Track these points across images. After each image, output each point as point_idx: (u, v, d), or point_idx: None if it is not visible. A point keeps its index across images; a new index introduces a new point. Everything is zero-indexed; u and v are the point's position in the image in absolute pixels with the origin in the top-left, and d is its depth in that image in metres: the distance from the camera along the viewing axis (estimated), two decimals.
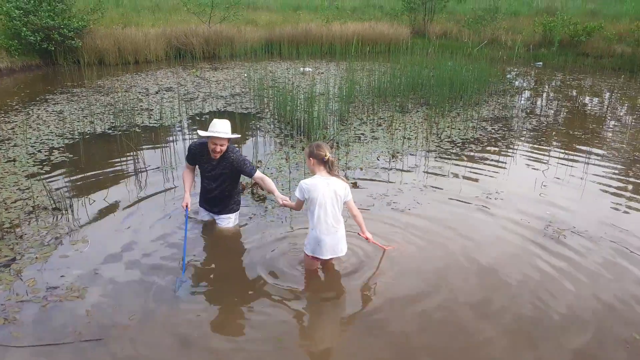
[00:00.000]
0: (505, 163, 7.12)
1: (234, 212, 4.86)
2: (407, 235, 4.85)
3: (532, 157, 7.43)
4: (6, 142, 7.61)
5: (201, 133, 4.38)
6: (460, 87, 11.09)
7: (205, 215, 4.93)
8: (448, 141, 8.13)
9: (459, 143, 8.03)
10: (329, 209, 3.82)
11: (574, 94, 13.08)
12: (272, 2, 28.25)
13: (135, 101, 10.57)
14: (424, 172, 6.68)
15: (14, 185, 5.92)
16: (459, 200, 5.74)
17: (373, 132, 8.61)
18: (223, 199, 4.73)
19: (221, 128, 4.33)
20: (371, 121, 9.31)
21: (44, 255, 4.39)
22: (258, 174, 4.55)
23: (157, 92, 11.63)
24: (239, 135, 4.45)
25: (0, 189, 5.81)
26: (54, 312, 3.63)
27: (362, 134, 8.50)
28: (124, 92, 11.50)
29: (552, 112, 10.82)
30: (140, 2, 23.74)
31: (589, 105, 11.81)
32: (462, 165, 6.95)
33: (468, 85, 11.23)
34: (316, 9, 26.08)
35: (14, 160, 6.77)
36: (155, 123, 8.93)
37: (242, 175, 4.67)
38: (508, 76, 15.49)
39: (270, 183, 4.50)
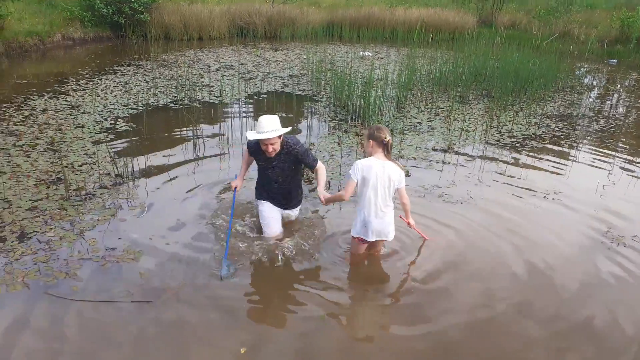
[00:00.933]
0: (567, 163, 6.81)
1: (298, 206, 4.59)
2: (457, 228, 4.76)
3: (595, 158, 7.07)
4: (76, 108, 8.02)
5: (249, 136, 4.01)
6: (525, 81, 10.67)
7: (270, 209, 4.41)
8: (508, 136, 7.86)
9: (519, 138, 7.75)
10: (380, 192, 3.80)
11: None
12: None
13: (197, 77, 10.85)
14: (480, 166, 6.51)
15: (81, 150, 6.24)
16: (514, 197, 5.56)
17: (430, 121, 8.45)
18: (289, 193, 4.39)
19: (268, 127, 3.90)
20: (429, 110, 9.14)
21: (104, 217, 4.63)
22: (320, 164, 4.26)
23: (218, 69, 11.88)
24: (289, 129, 4.12)
25: (69, 152, 6.14)
26: (110, 271, 3.83)
27: (419, 122, 8.36)
28: (186, 67, 11.82)
29: (622, 113, 10.23)
30: None
31: None
32: (521, 162, 6.72)
33: (534, 80, 10.78)
34: None
35: (82, 127, 7.14)
36: (214, 99, 9.14)
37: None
38: (578, 72, 14.75)
39: (322, 176, 4.26)
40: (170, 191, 5.30)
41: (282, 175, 4.21)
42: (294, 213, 4.57)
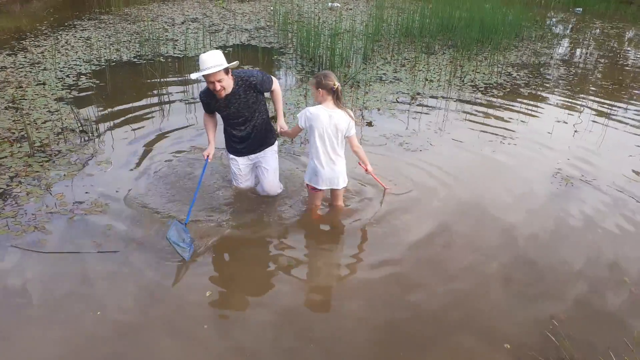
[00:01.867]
0: (525, 110, 7.05)
1: (274, 144, 4.28)
2: (415, 175, 4.96)
3: (553, 105, 7.34)
4: (36, 65, 7.84)
5: (192, 76, 3.76)
6: (489, 31, 10.78)
7: (242, 166, 4.27)
8: (471, 85, 8.04)
9: (481, 87, 7.94)
10: (327, 140, 3.79)
11: (612, 44, 12.56)
12: None
13: (161, 31, 10.62)
14: (442, 115, 6.70)
15: (44, 108, 6.19)
16: (473, 144, 5.79)
17: (396, 72, 8.56)
18: (259, 131, 4.10)
19: (211, 62, 3.59)
20: (395, 61, 9.22)
21: (71, 173, 4.68)
22: (275, 84, 4.02)
23: (182, 23, 11.63)
24: (237, 63, 3.85)
25: (32, 110, 6.08)
26: (79, 224, 3.94)
27: (385, 74, 8.45)
28: (150, 22, 11.54)
29: (583, 61, 10.49)
30: None
31: (626, 57, 11.37)
32: (481, 110, 6.93)
33: (497, 29, 10.89)
34: None
35: (44, 84, 7.02)
36: (179, 53, 9.02)
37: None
38: (543, 22, 14.87)
39: (279, 100, 4.11)
40: (136, 146, 5.35)
41: (248, 112, 3.93)
42: (268, 155, 4.22)
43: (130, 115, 6.16)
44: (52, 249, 3.63)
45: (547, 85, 8.40)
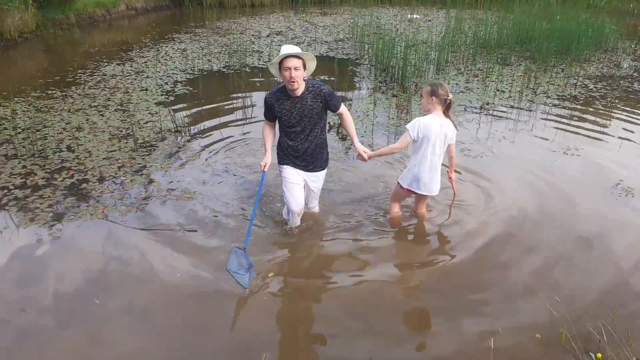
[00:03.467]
0: (595, 123, 7.01)
1: (326, 168, 4.24)
2: (466, 181, 5.23)
3: (626, 119, 7.22)
4: (140, 73, 8.93)
5: (271, 68, 3.81)
6: (570, 42, 10.61)
7: (294, 172, 4.10)
8: (544, 96, 8.08)
9: (553, 99, 7.96)
10: (437, 149, 3.94)
11: None
12: None
13: (248, 43, 11.54)
14: (507, 124, 6.86)
15: (146, 110, 7.12)
16: (534, 152, 5.92)
17: (468, 82, 8.77)
18: (315, 149, 4.03)
19: (291, 50, 3.65)
20: (468, 72, 9.41)
21: (166, 165, 5.47)
22: (343, 107, 4.03)
23: (268, 36, 12.51)
24: (314, 58, 3.80)
25: (136, 112, 7.04)
26: (170, 207, 4.65)
27: (457, 84, 8.69)
28: (239, 34, 12.53)
29: None
30: None
31: None
32: (548, 121, 7.00)
33: (579, 40, 10.69)
34: None
35: (146, 90, 8.03)
36: (263, 64, 9.81)
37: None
38: (634, 33, 14.23)
39: (351, 122, 4.08)
40: (221, 145, 6.06)
41: (308, 123, 3.90)
42: (319, 179, 4.20)
43: (218, 119, 6.93)
44: (148, 226, 4.36)
45: (625, 99, 8.21)
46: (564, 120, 7.08)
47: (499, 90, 8.30)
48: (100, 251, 4.00)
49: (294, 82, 3.67)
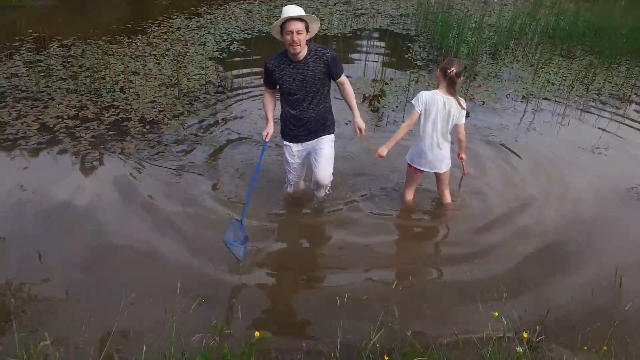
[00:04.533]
0: (635, 127, 6.70)
1: (333, 133, 4.12)
2: (486, 167, 5.31)
3: None
4: (203, 29, 9.49)
5: (273, 25, 3.73)
6: None
7: (295, 153, 4.10)
8: (595, 92, 7.79)
9: (604, 96, 7.66)
10: (439, 125, 3.92)
11: None
12: None
13: (313, 10, 11.77)
14: (543, 116, 6.75)
15: (198, 64, 7.66)
16: (558, 148, 5.85)
17: (520, 70, 8.58)
18: (319, 115, 3.93)
19: (296, 11, 3.58)
20: (525, 60, 9.16)
21: (202, 115, 5.98)
22: (344, 77, 3.95)
23: (335, 4, 12.66)
24: (318, 20, 3.76)
25: (189, 64, 7.59)
26: (196, 151, 5.17)
27: (508, 71, 8.53)
28: (307, 0, 12.77)
29: None
30: None
31: None
32: (586, 118, 6.80)
33: None
34: None
35: (204, 45, 8.56)
36: (321, 32, 10.04)
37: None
38: None
39: (351, 93, 3.98)
40: (256, 104, 6.47)
41: (312, 89, 3.80)
42: (324, 142, 4.03)
43: (261, 79, 7.32)
44: (171, 165, 4.88)
45: None
46: (604, 119, 6.85)
47: (549, 82, 8.08)
48: (122, 181, 4.58)
49: (297, 45, 3.58)
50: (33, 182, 4.39)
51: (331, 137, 4.08)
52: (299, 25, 3.54)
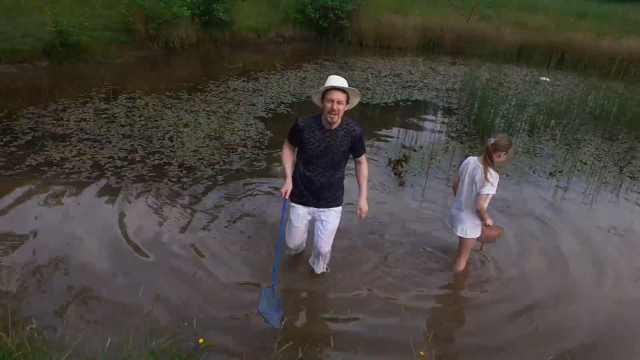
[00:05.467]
0: None
1: (341, 205, 4.22)
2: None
3: None
4: (257, 92, 10.38)
5: (316, 90, 3.83)
6: None
7: (301, 215, 4.18)
8: (628, 175, 7.74)
9: (637, 181, 7.59)
10: (465, 189, 4.23)
11: None
12: (556, 5, 26.79)
13: (363, 80, 12.53)
14: (565, 194, 6.81)
15: (244, 121, 8.41)
16: (574, 225, 5.90)
17: (554, 149, 8.69)
18: (331, 186, 4.05)
19: (339, 82, 3.69)
20: (563, 140, 9.26)
21: (237, 167, 6.58)
22: (364, 158, 4.14)
23: (386, 76, 13.39)
24: (359, 95, 3.89)
25: (235, 120, 8.36)
26: (217, 201, 5.71)
27: (542, 148, 8.67)
28: (360, 71, 13.60)
29: None
30: None
31: None
32: (610, 200, 6.81)
33: None
34: (607, 16, 23.84)
35: (254, 105, 9.38)
36: (365, 100, 10.68)
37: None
38: None
39: (365, 175, 4.15)
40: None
41: (332, 159, 3.93)
42: (330, 217, 4.15)
43: None
44: (194, 209, 5.44)
45: None
46: (631, 201, 6.80)
47: (581, 162, 8.13)
48: (148, 216, 5.18)
49: (335, 114, 3.69)
50: (76, 208, 5.11)
51: (339, 209, 4.21)
52: (340, 96, 3.66)
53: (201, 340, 2.53)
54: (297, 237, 4.28)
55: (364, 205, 4.07)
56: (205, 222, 5.19)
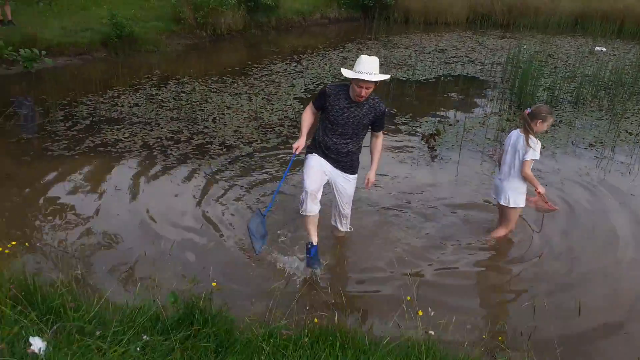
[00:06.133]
0: None
1: (356, 174, 4.37)
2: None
3: None
4: (298, 73, 10.70)
5: (345, 73, 3.86)
6: None
7: (321, 162, 4.19)
8: None
9: None
10: (508, 158, 4.34)
11: None
12: None
13: (406, 57, 12.55)
14: (605, 164, 6.70)
15: (283, 102, 8.77)
16: (603, 198, 5.84)
17: (598, 119, 8.47)
18: (349, 153, 4.19)
19: (369, 68, 3.74)
20: (610, 110, 8.98)
21: (271, 145, 6.96)
22: (382, 133, 4.29)
23: (430, 52, 13.32)
24: (389, 76, 4.04)
25: (275, 101, 8.73)
26: (256, 167, 6.12)
27: (585, 119, 8.47)
28: (403, 48, 13.61)
29: None
30: None
31: None
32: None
33: None
34: None
35: (294, 86, 9.71)
36: (404, 77, 10.75)
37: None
38: None
39: (379, 150, 4.32)
40: None
41: (353, 130, 4.05)
42: (349, 181, 4.31)
43: None
44: (228, 180, 5.87)
45: None
46: None
47: (626, 132, 7.89)
48: (187, 190, 5.67)
49: (362, 98, 3.87)
50: (125, 182, 5.67)
51: (355, 177, 4.36)
52: (370, 83, 3.79)
53: (214, 284, 2.92)
54: (315, 177, 4.11)
55: (372, 176, 4.28)
56: (240, 194, 5.59)
